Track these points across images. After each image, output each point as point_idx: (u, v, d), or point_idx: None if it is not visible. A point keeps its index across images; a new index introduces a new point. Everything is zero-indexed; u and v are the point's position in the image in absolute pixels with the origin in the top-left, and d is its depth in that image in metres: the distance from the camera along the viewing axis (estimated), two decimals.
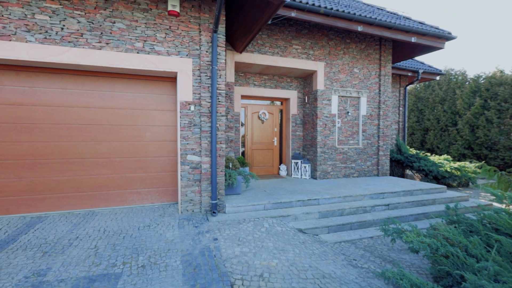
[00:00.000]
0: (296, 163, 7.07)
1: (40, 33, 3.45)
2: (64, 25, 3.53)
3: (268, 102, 7.51)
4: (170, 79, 4.49)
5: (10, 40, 3.35)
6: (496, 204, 5.12)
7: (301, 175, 6.96)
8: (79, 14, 3.59)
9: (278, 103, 7.63)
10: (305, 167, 6.91)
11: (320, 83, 6.67)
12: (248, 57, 5.94)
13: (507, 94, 10.82)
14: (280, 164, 7.61)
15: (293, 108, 7.31)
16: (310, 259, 3.03)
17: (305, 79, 7.24)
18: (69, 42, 3.56)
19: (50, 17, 3.48)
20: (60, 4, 3.51)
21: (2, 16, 3.31)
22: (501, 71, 11.82)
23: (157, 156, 4.52)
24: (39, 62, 3.51)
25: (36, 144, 3.92)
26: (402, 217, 4.60)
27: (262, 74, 6.92)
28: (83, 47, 3.61)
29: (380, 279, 2.82)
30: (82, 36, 3.61)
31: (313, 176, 6.87)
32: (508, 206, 2.37)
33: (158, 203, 4.55)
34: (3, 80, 3.72)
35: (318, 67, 6.62)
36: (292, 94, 7.28)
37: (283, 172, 7.36)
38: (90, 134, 4.16)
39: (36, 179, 3.93)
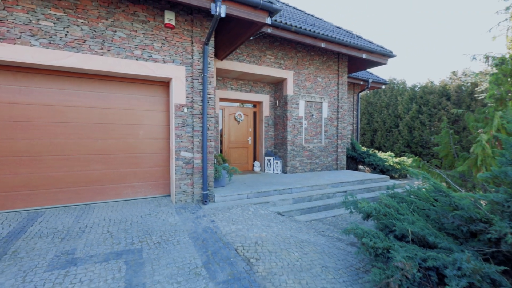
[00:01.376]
0: (269, 160, 7.93)
1: (45, 38, 3.70)
2: (68, 32, 3.82)
3: (244, 104, 8.24)
4: (162, 83, 4.96)
5: (15, 44, 3.54)
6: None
7: (273, 170, 7.84)
8: (82, 22, 3.90)
9: (252, 105, 8.40)
10: (276, 163, 7.81)
11: (289, 89, 7.63)
12: (228, 64, 6.60)
13: (436, 101, 13.17)
14: (254, 161, 8.40)
15: (266, 111, 8.16)
16: (290, 232, 3.87)
17: (276, 85, 8.14)
18: (73, 47, 3.85)
19: (54, 23, 3.74)
20: (64, 12, 3.79)
21: (7, 20, 3.50)
22: (432, 82, 14.27)
23: (150, 153, 4.95)
24: (43, 65, 3.74)
25: (32, 141, 4.09)
26: None
27: (239, 79, 7.63)
28: (86, 53, 3.93)
29: (342, 241, 3.78)
30: (85, 42, 3.93)
31: (284, 171, 7.81)
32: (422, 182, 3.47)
33: (151, 195, 4.98)
34: None
35: (288, 75, 7.56)
36: (265, 98, 8.12)
37: (257, 168, 8.16)
38: (85, 132, 4.43)
39: (32, 175, 4.10)
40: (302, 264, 2.85)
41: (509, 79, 4.16)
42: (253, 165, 8.28)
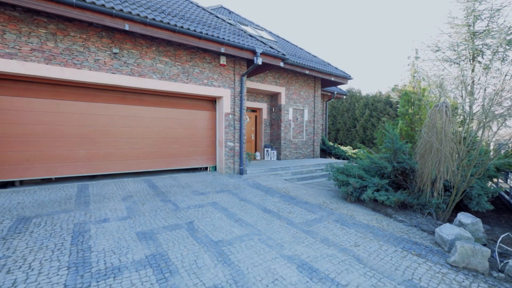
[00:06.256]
0: (267, 150, 11.00)
1: (159, 74, 6.30)
2: (170, 70, 6.46)
3: (249, 110, 11.18)
4: (210, 98, 7.73)
5: (145, 78, 6.11)
6: None
7: (270, 158, 10.94)
8: (178, 64, 6.55)
9: (252, 111, 11.38)
10: (273, 153, 10.91)
11: (282, 100, 10.77)
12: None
13: (382, 108, 17.43)
14: (255, 152, 11.40)
15: (264, 115, 11.21)
16: (297, 185, 7.00)
17: (272, 96, 11.24)
18: (172, 79, 6.50)
19: (164, 65, 6.35)
20: (169, 59, 6.41)
21: (141, 64, 6.05)
22: (380, 92, 18.59)
23: (203, 138, 7.70)
24: (159, 90, 6.35)
25: (138, 129, 6.61)
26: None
27: (247, 92, 10.56)
28: (179, 82, 6.60)
29: (324, 190, 7.02)
30: (178, 76, 6.59)
31: (278, 158, 10.95)
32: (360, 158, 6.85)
33: (204, 165, 7.75)
34: (119, 97, 6.34)
35: (281, 90, 10.70)
36: (264, 106, 11.17)
37: (258, 156, 11.18)
38: (168, 124, 7.05)
39: (138, 150, 6.63)
40: (309, 193, 6.01)
41: (409, 103, 7.79)
42: (255, 154, 11.28)
